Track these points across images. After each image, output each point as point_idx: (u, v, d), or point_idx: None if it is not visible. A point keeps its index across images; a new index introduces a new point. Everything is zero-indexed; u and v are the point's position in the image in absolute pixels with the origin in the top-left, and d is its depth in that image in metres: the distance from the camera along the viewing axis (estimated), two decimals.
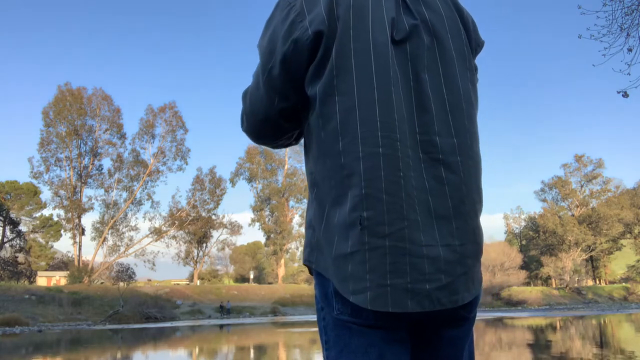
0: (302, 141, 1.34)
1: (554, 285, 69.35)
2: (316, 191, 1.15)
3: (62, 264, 60.64)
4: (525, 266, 66.31)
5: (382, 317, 1.06)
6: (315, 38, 1.12)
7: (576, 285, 66.25)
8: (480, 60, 1.37)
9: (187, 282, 64.57)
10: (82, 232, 54.12)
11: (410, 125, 1.10)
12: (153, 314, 37.96)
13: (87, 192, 55.88)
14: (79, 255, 53.60)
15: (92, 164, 55.10)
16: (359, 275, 1.04)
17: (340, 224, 1.07)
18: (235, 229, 63.27)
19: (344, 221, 1.06)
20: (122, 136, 56.20)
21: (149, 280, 66.01)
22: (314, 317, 39.87)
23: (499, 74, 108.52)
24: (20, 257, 54.69)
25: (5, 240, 52.81)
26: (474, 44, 1.29)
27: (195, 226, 58.12)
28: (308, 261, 1.17)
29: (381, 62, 1.11)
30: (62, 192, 52.91)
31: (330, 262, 1.09)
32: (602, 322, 26.48)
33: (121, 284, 46.05)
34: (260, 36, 1.24)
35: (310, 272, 1.20)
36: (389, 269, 1.03)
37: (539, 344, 14.70)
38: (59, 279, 53.08)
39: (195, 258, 62.58)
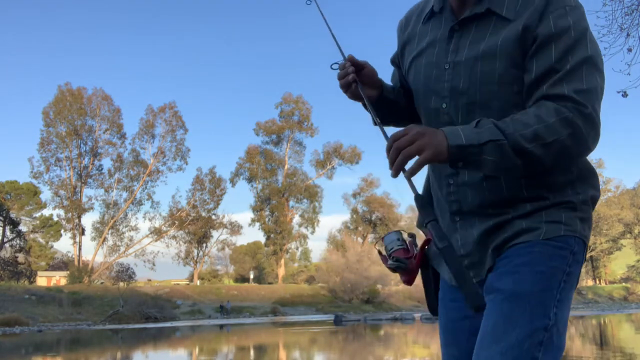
0: None
1: None
2: (586, 182, 1.37)
3: (62, 264, 60.58)
4: None
5: None
6: None
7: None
8: None
9: (187, 282, 64.50)
10: (82, 232, 54.11)
11: None
12: (153, 314, 37.94)
13: (87, 192, 55.81)
14: (79, 255, 53.60)
15: (92, 164, 55.11)
16: None
17: (590, 201, 1.38)
18: (235, 229, 63.24)
19: (592, 199, 1.39)
20: (122, 136, 56.22)
21: (149, 280, 65.93)
22: (313, 317, 39.95)
23: None
24: (20, 257, 54.63)
25: (5, 240, 52.77)
26: None
27: (195, 226, 58.08)
28: (581, 234, 1.32)
29: None
30: (62, 192, 52.93)
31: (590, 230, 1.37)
32: (602, 322, 26.48)
33: (121, 284, 46.02)
34: (594, 48, 1.26)
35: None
36: None
37: None
38: (59, 279, 53.08)
39: (195, 258, 62.53)
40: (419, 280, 1.44)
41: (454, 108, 1.35)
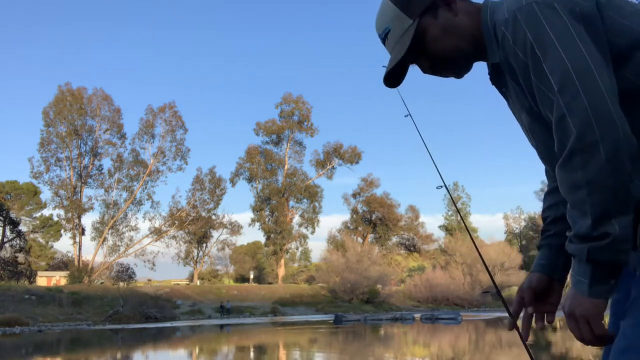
0: None
1: None
2: None
3: (62, 264, 60.58)
4: (525, 266, 66.30)
5: None
6: None
7: None
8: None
9: (187, 282, 64.52)
10: (82, 232, 54.11)
11: None
12: (153, 314, 37.93)
13: (87, 192, 55.81)
14: (79, 255, 53.60)
15: (92, 164, 55.10)
16: None
17: None
18: (235, 229, 63.25)
19: None
20: (122, 136, 56.20)
21: (149, 280, 65.92)
22: (313, 317, 39.95)
23: None
24: (20, 257, 54.63)
25: (5, 240, 52.77)
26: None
27: (195, 226, 58.09)
28: None
29: None
30: (62, 192, 52.91)
31: None
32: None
33: (121, 284, 46.08)
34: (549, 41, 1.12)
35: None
36: None
37: (539, 344, 14.69)
38: (59, 279, 53.04)
39: (195, 258, 62.54)
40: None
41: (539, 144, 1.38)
